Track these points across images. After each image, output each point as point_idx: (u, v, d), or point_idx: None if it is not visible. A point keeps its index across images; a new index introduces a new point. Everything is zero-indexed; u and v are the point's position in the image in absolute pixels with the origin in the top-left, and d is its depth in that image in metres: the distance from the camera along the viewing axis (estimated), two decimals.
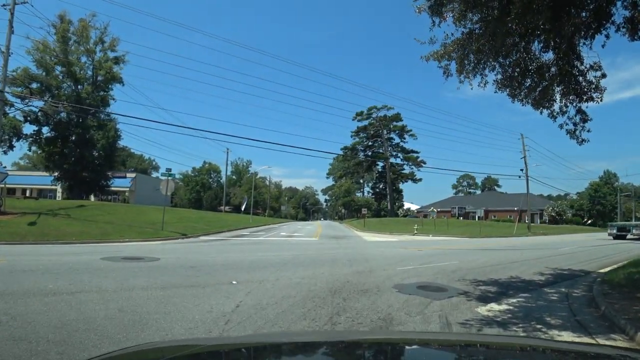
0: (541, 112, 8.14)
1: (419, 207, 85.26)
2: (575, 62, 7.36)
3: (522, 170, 44.79)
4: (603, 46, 7.12)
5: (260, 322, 4.99)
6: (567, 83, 7.54)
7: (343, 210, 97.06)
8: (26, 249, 12.18)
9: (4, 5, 20.02)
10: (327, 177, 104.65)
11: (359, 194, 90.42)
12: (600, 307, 6.35)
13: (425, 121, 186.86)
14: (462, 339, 2.49)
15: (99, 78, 37.32)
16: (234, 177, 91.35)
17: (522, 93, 8.00)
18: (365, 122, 70.82)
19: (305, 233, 29.29)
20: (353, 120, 72.06)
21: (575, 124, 8.07)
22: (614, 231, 31.61)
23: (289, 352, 1.73)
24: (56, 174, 38.04)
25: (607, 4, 6.44)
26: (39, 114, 33.79)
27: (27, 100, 30.93)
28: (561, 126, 8.22)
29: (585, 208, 75.87)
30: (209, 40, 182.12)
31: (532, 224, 47.97)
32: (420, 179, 71.97)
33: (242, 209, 49.29)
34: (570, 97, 7.77)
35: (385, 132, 69.93)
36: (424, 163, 68.55)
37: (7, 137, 32.87)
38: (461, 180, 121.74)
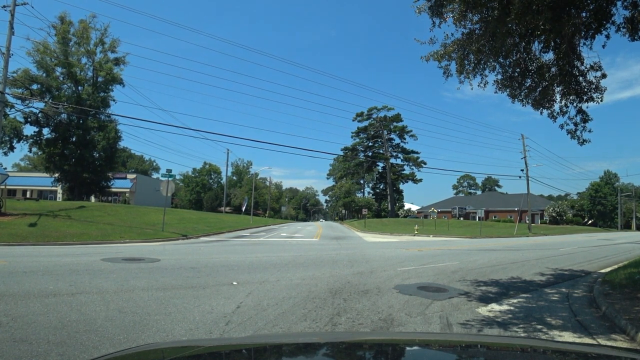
0: (541, 113, 8.15)
1: (419, 207, 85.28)
2: (576, 62, 7.37)
3: (522, 170, 44.96)
4: (603, 46, 7.15)
5: (261, 323, 4.98)
6: (567, 83, 7.54)
7: (343, 211, 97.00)
8: (26, 250, 12.18)
9: (4, 6, 20.03)
10: (328, 178, 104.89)
11: (359, 195, 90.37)
12: (601, 308, 6.34)
13: (425, 122, 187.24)
14: (463, 339, 2.48)
15: (100, 79, 37.39)
16: (234, 178, 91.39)
17: (522, 93, 8.01)
18: (366, 123, 70.93)
19: (306, 234, 29.27)
20: (353, 121, 72.29)
21: (575, 124, 8.08)
22: None
23: (290, 353, 1.72)
24: (56, 175, 38.07)
25: (607, 4, 6.44)
26: (40, 115, 33.82)
27: (27, 102, 30.95)
28: (562, 126, 8.24)
29: (586, 208, 75.91)
30: (210, 42, 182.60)
31: (532, 224, 47.95)
32: (420, 180, 72.06)
33: (243, 209, 49.40)
34: (571, 97, 7.77)
35: (385, 132, 69.95)
36: (424, 163, 68.60)
37: (7, 138, 32.91)
38: (461, 181, 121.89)
